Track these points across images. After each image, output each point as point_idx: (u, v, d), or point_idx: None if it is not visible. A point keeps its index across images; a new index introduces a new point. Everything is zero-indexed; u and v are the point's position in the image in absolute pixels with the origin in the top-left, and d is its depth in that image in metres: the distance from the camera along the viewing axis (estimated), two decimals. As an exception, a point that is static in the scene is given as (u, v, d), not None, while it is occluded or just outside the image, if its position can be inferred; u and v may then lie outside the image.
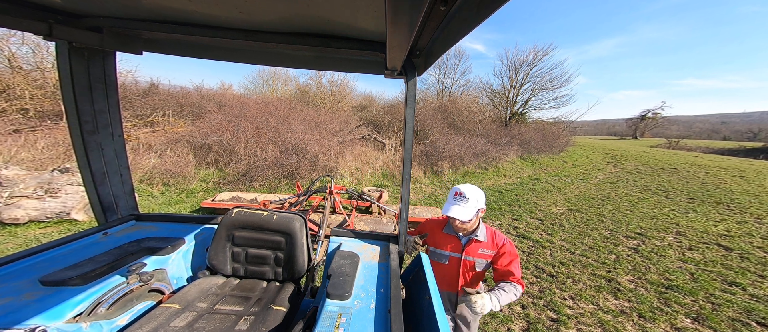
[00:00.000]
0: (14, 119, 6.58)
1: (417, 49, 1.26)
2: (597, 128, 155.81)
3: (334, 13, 1.07)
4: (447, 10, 0.82)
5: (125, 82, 8.99)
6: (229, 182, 6.39)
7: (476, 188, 1.61)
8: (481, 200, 1.58)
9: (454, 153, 9.26)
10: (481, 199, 1.59)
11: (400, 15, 0.64)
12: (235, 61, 1.65)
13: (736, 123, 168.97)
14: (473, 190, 1.58)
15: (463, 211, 1.53)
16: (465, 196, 1.55)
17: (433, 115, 13.61)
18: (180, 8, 1.16)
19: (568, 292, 3.22)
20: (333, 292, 1.23)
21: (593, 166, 13.13)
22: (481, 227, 1.67)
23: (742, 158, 19.26)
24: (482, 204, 1.59)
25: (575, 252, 4.24)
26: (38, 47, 7.44)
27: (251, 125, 7.91)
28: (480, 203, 1.58)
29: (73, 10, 1.33)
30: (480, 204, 1.58)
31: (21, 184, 4.12)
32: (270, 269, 1.73)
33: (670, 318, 2.86)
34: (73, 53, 1.45)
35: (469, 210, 1.53)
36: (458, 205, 1.55)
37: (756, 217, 6.00)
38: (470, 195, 1.55)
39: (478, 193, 1.59)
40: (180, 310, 1.34)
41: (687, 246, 4.57)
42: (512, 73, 17.31)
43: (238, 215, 1.71)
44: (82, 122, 1.56)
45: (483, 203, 1.59)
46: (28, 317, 1.04)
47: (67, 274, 1.23)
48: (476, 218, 1.60)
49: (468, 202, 1.54)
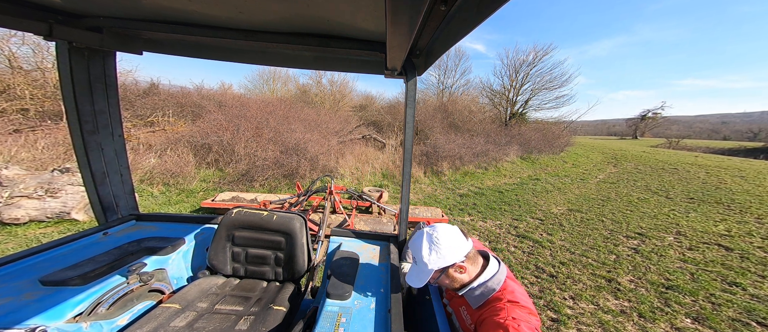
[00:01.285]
0: (14, 119, 6.58)
1: (417, 49, 1.26)
2: (597, 128, 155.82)
3: (334, 13, 1.07)
4: (447, 10, 0.82)
5: (125, 82, 8.99)
6: (229, 182, 6.39)
7: (431, 241, 1.08)
8: (436, 259, 1.07)
9: (454, 153, 9.26)
10: (439, 257, 1.07)
11: (400, 15, 0.64)
12: (235, 61, 1.65)
13: (736, 123, 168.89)
14: (423, 247, 1.09)
15: (415, 275, 1.13)
16: (412, 255, 1.14)
17: (433, 115, 13.60)
18: (180, 8, 1.16)
19: (568, 292, 3.21)
20: (333, 292, 1.23)
21: (593, 166, 13.12)
22: (482, 284, 1.10)
23: (743, 158, 19.24)
24: (446, 261, 1.07)
25: (575, 251, 4.24)
26: (38, 47, 7.45)
27: (251, 125, 7.91)
28: (436, 263, 1.07)
29: (73, 10, 1.33)
30: (436, 264, 1.07)
31: (21, 184, 4.12)
32: (270, 269, 1.73)
33: (671, 318, 2.86)
34: (73, 53, 1.45)
35: (422, 275, 1.10)
36: (408, 263, 1.18)
37: (756, 217, 6.00)
38: (417, 255, 1.11)
39: (430, 250, 1.08)
40: (180, 310, 1.34)
41: (687, 246, 4.57)
42: (512, 73, 17.32)
43: (238, 215, 1.71)
44: (83, 122, 1.56)
45: (447, 259, 1.07)
46: (28, 317, 1.04)
47: (67, 274, 1.23)
48: (446, 279, 1.13)
49: (418, 263, 1.11)
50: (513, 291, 1.05)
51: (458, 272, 1.11)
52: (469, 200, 6.64)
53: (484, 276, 1.11)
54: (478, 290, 1.09)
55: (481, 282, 1.10)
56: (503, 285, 1.08)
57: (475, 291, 1.10)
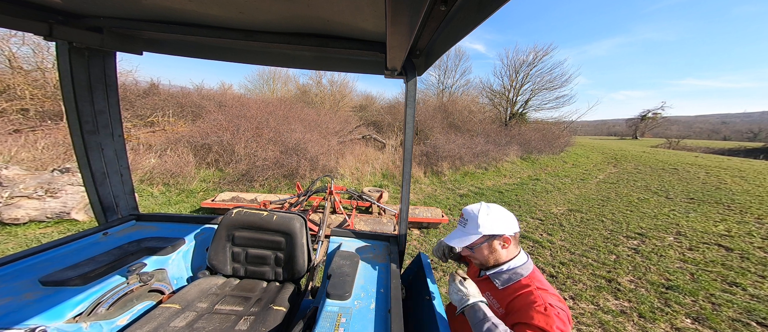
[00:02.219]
0: (14, 119, 6.58)
1: (417, 49, 1.26)
2: (597, 128, 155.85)
3: (334, 13, 1.07)
4: (447, 10, 0.82)
5: (125, 82, 8.98)
6: (229, 182, 6.39)
7: (489, 209, 1.15)
8: (490, 225, 1.11)
9: (454, 153, 9.26)
10: (494, 224, 1.12)
11: (400, 15, 0.64)
12: (235, 61, 1.65)
13: (736, 123, 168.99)
14: (481, 210, 1.15)
15: (458, 236, 1.19)
16: (464, 217, 1.19)
17: (433, 115, 13.60)
18: (180, 8, 1.16)
19: (568, 292, 3.21)
20: (333, 292, 1.23)
21: (593, 166, 13.12)
22: (512, 269, 1.13)
23: (743, 158, 19.25)
24: (497, 230, 1.11)
25: (575, 252, 4.24)
26: (38, 47, 7.44)
27: (251, 125, 7.90)
28: (489, 228, 1.11)
29: (73, 10, 1.33)
30: (488, 229, 1.11)
31: (21, 184, 4.12)
32: (270, 269, 1.73)
33: (671, 318, 2.86)
34: (73, 53, 1.45)
35: (466, 237, 1.15)
36: (459, 227, 1.23)
37: (756, 217, 6.00)
38: (470, 217, 1.15)
39: (488, 214, 1.13)
40: (180, 310, 1.34)
41: (687, 246, 4.57)
42: (512, 74, 17.34)
43: (238, 215, 1.71)
44: (83, 122, 1.56)
45: (499, 229, 1.11)
46: (28, 317, 1.04)
47: (67, 274, 1.23)
48: (486, 250, 1.14)
49: (467, 225, 1.16)
50: (541, 280, 1.10)
51: (502, 246, 1.14)
52: (469, 200, 6.64)
53: (516, 261, 1.15)
54: (507, 273, 1.13)
55: (513, 266, 1.14)
56: (532, 273, 1.12)
57: (504, 274, 1.14)
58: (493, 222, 1.12)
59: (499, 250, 1.14)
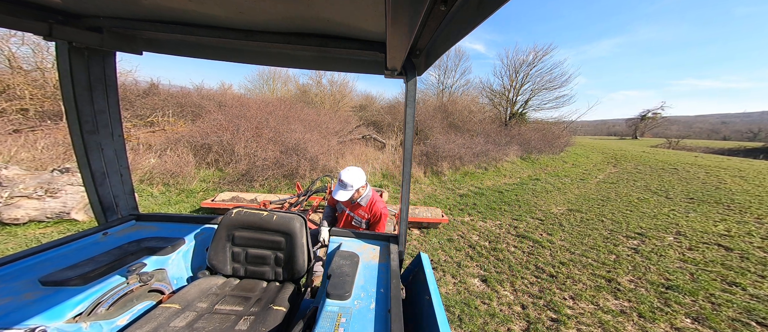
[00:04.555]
0: (14, 119, 6.58)
1: (417, 49, 1.25)
2: (597, 128, 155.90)
3: (334, 13, 1.07)
4: (447, 10, 0.82)
5: (125, 82, 8.98)
6: (229, 182, 6.39)
7: (355, 173, 2.09)
8: (359, 182, 2.10)
9: (454, 153, 9.26)
10: (360, 180, 2.11)
11: (400, 15, 0.64)
12: (235, 61, 1.65)
13: (736, 123, 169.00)
14: (353, 177, 2.07)
15: (345, 194, 2.09)
16: (345, 184, 2.07)
17: (433, 115, 13.60)
18: (180, 8, 1.16)
19: (568, 292, 3.22)
20: (333, 292, 1.23)
21: (593, 166, 13.12)
22: (366, 197, 2.23)
23: (742, 158, 19.26)
24: (362, 183, 2.12)
25: (575, 251, 4.24)
26: (38, 47, 7.44)
27: (251, 125, 7.90)
28: (358, 184, 2.10)
29: (73, 10, 1.33)
30: (358, 185, 2.11)
31: (21, 184, 4.12)
32: (270, 269, 1.73)
33: (670, 318, 2.86)
34: (73, 53, 1.45)
35: (347, 191, 2.09)
36: (342, 191, 2.09)
37: (756, 217, 6.00)
38: (350, 182, 2.07)
39: (356, 177, 2.09)
40: (180, 310, 1.34)
41: (687, 246, 4.57)
42: (512, 74, 17.31)
43: (238, 215, 1.71)
44: (82, 122, 1.56)
45: (362, 182, 2.11)
46: (28, 317, 1.04)
47: (67, 274, 1.23)
48: (356, 194, 2.16)
49: (347, 187, 2.08)
50: (377, 197, 2.30)
51: (363, 189, 2.20)
52: (469, 200, 6.64)
53: (367, 191, 2.26)
54: (365, 199, 2.24)
55: (366, 193, 2.24)
56: (372, 194, 2.28)
57: (364, 199, 2.24)
58: (358, 180, 2.10)
59: (362, 191, 2.20)
